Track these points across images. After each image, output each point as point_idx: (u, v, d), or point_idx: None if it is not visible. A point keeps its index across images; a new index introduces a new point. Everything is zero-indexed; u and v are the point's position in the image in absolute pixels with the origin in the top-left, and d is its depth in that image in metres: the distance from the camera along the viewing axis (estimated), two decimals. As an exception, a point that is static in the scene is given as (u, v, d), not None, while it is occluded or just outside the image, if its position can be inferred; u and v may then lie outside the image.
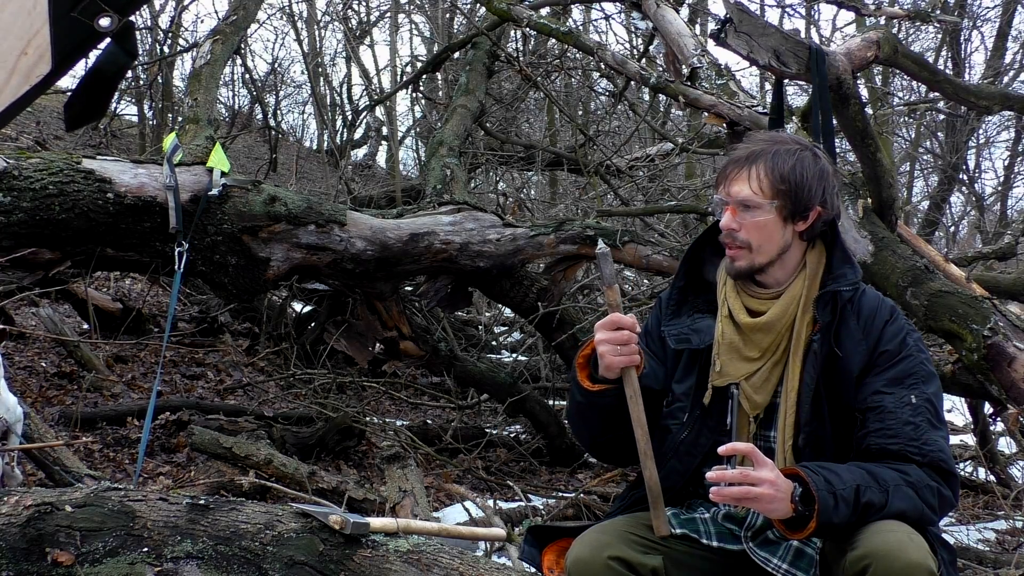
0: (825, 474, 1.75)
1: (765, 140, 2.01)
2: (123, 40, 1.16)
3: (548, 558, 2.04)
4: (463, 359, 5.29)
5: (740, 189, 1.95)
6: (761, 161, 1.95)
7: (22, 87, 1.16)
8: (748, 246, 1.95)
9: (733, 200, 1.95)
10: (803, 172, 1.93)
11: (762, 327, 1.96)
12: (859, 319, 1.95)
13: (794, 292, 1.97)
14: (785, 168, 1.93)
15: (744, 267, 1.97)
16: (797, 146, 1.98)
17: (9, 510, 2.12)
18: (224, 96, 11.78)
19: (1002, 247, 6.42)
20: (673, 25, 4.67)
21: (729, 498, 1.74)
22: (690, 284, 2.11)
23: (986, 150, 13.75)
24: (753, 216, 1.94)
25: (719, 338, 2.00)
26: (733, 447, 1.77)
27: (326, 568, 2.11)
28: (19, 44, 1.12)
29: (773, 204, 1.93)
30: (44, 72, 1.15)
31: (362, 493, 3.69)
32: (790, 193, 1.93)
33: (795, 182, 1.92)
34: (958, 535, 4.19)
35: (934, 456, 1.82)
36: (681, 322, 2.07)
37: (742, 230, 1.95)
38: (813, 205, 1.94)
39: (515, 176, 9.67)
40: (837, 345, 1.92)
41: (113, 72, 1.19)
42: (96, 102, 1.23)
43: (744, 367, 1.97)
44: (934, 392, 1.90)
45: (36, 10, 1.11)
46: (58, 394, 4.89)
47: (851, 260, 2.00)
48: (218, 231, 3.86)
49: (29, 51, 1.13)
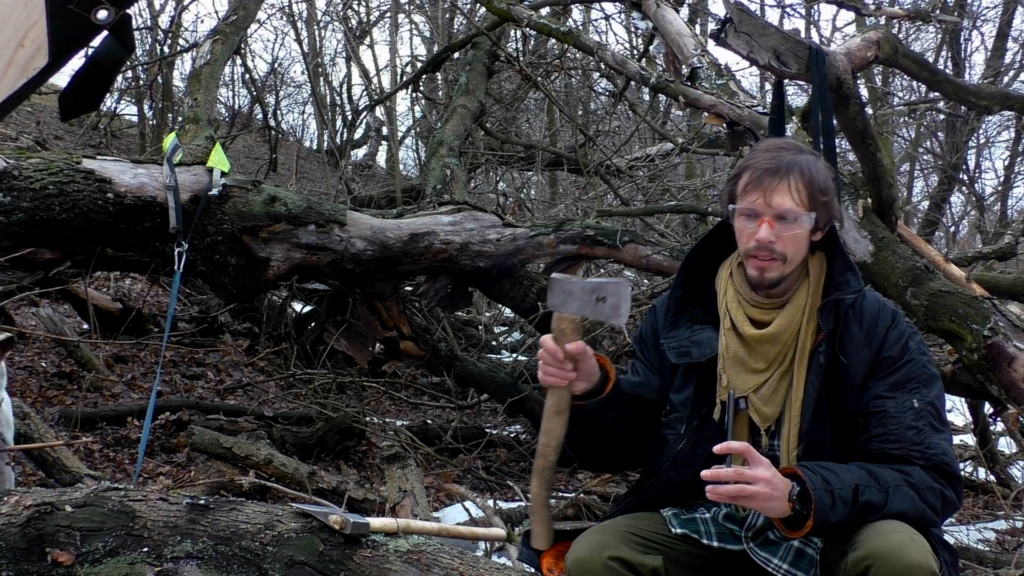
0: (823, 473, 1.75)
1: (788, 148, 1.96)
2: (120, 33, 1.15)
3: (547, 559, 2.04)
4: (463, 359, 5.28)
5: (783, 201, 1.89)
6: (796, 171, 1.90)
7: (19, 80, 1.15)
8: (784, 258, 1.91)
9: (774, 211, 1.89)
10: (827, 182, 1.92)
11: (768, 339, 1.94)
12: (861, 325, 1.93)
13: (799, 302, 1.95)
14: (820, 179, 1.91)
15: (775, 278, 1.93)
16: (813, 154, 1.96)
17: (9, 510, 2.13)
18: (224, 96, 11.79)
19: (1002, 247, 6.41)
20: (673, 25, 4.67)
21: (725, 496, 1.73)
22: (687, 294, 2.08)
23: (986, 150, 13.75)
24: (791, 229, 1.90)
25: (723, 352, 1.97)
26: (728, 446, 1.76)
27: (326, 568, 2.12)
28: (16, 36, 1.12)
29: (811, 216, 1.90)
30: (41, 65, 1.15)
31: (362, 493, 3.69)
32: (824, 205, 1.91)
33: (828, 192, 1.91)
34: (958, 535, 4.18)
35: (937, 459, 1.82)
36: (680, 333, 2.04)
37: (778, 242, 1.90)
38: (836, 215, 1.95)
39: (515, 176, 9.67)
40: (842, 352, 1.91)
41: (110, 64, 1.19)
42: (91, 94, 1.22)
43: (752, 379, 1.95)
44: (936, 395, 1.89)
45: (33, 2, 1.10)
46: (58, 394, 4.89)
47: (852, 266, 1.98)
48: (218, 231, 3.86)
49: (26, 43, 1.13)
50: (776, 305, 1.97)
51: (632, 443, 2.08)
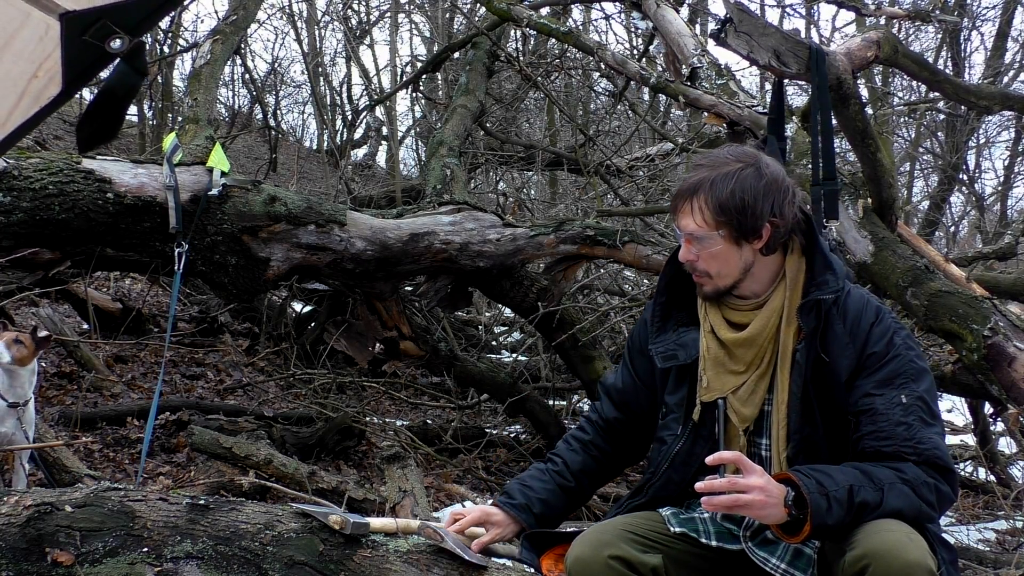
0: (817, 476, 1.76)
1: (706, 165, 1.98)
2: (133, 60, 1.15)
3: (547, 560, 2.05)
4: (463, 359, 5.29)
5: (687, 223, 1.95)
6: (700, 192, 1.93)
7: (31, 108, 1.16)
8: (707, 274, 1.97)
9: (683, 233, 1.97)
10: (743, 195, 1.90)
11: (743, 342, 1.97)
12: (845, 323, 1.94)
13: (775, 304, 1.97)
14: (723, 195, 1.91)
15: (710, 292, 2.00)
16: (739, 165, 1.93)
17: (9, 510, 2.12)
18: (224, 96, 11.80)
19: (1002, 247, 6.41)
20: (673, 25, 4.67)
21: (720, 507, 1.75)
22: (672, 299, 2.12)
23: (986, 150, 13.74)
24: (705, 247, 1.95)
25: (704, 353, 2.01)
26: (720, 456, 1.78)
27: (326, 568, 2.11)
28: (31, 68, 1.13)
29: (719, 233, 1.93)
30: (54, 94, 1.16)
31: (362, 493, 3.69)
32: (732, 221, 1.91)
33: (735, 208, 1.90)
34: (958, 535, 4.18)
35: (929, 454, 1.82)
36: (667, 338, 2.08)
37: (699, 260, 1.97)
38: (762, 223, 1.92)
39: (515, 176, 9.67)
40: (824, 350, 1.91)
41: (123, 92, 1.19)
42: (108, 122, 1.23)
43: (731, 381, 1.98)
44: (925, 389, 1.89)
45: (48, 35, 1.11)
46: (58, 394, 4.89)
47: (832, 265, 1.97)
48: (218, 231, 3.86)
49: (40, 74, 1.13)
50: (752, 306, 1.99)
51: (622, 455, 2.24)
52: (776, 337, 1.96)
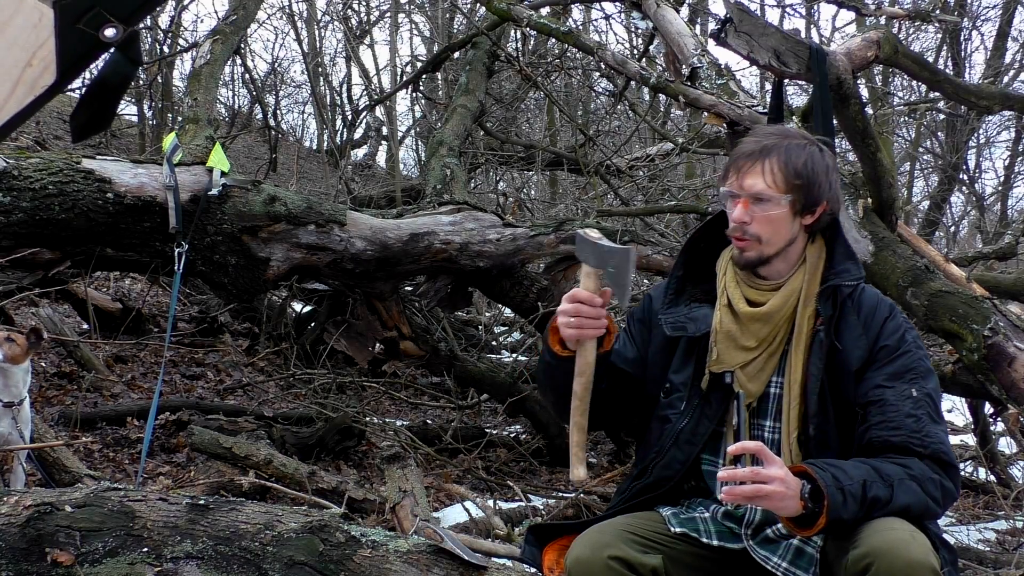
0: (832, 471, 1.76)
1: (775, 134, 2.01)
2: (127, 49, 1.15)
3: (549, 557, 2.04)
4: (463, 359, 5.28)
5: (754, 182, 1.94)
6: (775, 155, 1.95)
7: (26, 98, 1.16)
8: (758, 239, 1.96)
9: (746, 193, 1.95)
10: (814, 167, 1.94)
11: (760, 317, 1.98)
12: (859, 315, 1.96)
13: (794, 285, 1.99)
14: (799, 162, 1.94)
15: (753, 257, 1.98)
16: (805, 140, 1.99)
17: (9, 510, 2.12)
18: (224, 96, 11.80)
19: (1002, 247, 6.42)
20: (673, 25, 4.66)
21: (741, 497, 1.74)
22: (689, 274, 2.13)
23: (986, 150, 13.77)
24: (765, 210, 1.94)
25: (717, 326, 2.01)
26: (743, 446, 1.76)
27: (326, 568, 2.11)
28: (24, 56, 1.13)
29: (787, 198, 1.94)
30: (48, 83, 1.16)
31: (362, 493, 3.69)
32: (803, 187, 1.94)
33: (808, 177, 1.94)
34: (958, 535, 4.18)
35: (936, 448, 1.84)
36: (678, 310, 2.09)
37: (753, 223, 1.95)
38: (822, 200, 1.96)
39: (515, 176, 9.67)
40: (838, 339, 1.94)
41: (117, 82, 1.19)
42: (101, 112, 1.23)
43: (740, 355, 1.98)
44: (933, 388, 1.91)
45: (42, 23, 1.11)
46: (58, 394, 4.88)
47: (854, 256, 2.01)
48: (218, 231, 3.86)
49: (34, 63, 1.13)
50: (772, 287, 2.00)
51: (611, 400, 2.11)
52: (792, 318, 1.97)
